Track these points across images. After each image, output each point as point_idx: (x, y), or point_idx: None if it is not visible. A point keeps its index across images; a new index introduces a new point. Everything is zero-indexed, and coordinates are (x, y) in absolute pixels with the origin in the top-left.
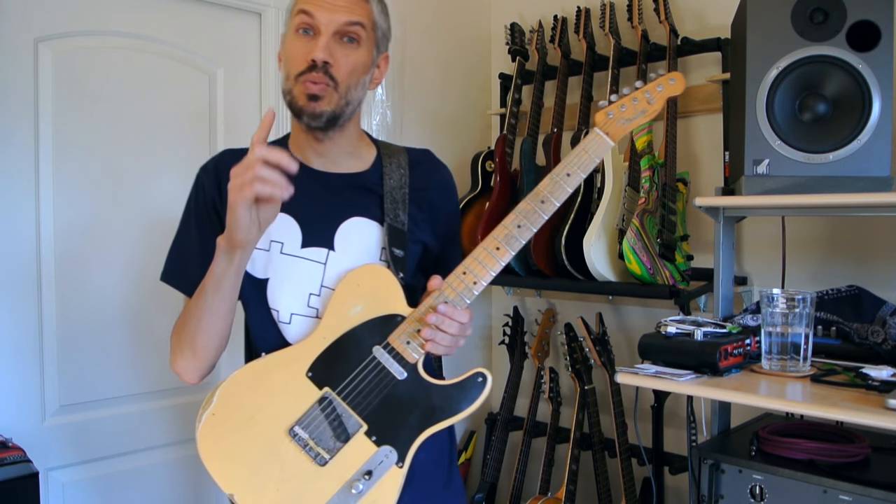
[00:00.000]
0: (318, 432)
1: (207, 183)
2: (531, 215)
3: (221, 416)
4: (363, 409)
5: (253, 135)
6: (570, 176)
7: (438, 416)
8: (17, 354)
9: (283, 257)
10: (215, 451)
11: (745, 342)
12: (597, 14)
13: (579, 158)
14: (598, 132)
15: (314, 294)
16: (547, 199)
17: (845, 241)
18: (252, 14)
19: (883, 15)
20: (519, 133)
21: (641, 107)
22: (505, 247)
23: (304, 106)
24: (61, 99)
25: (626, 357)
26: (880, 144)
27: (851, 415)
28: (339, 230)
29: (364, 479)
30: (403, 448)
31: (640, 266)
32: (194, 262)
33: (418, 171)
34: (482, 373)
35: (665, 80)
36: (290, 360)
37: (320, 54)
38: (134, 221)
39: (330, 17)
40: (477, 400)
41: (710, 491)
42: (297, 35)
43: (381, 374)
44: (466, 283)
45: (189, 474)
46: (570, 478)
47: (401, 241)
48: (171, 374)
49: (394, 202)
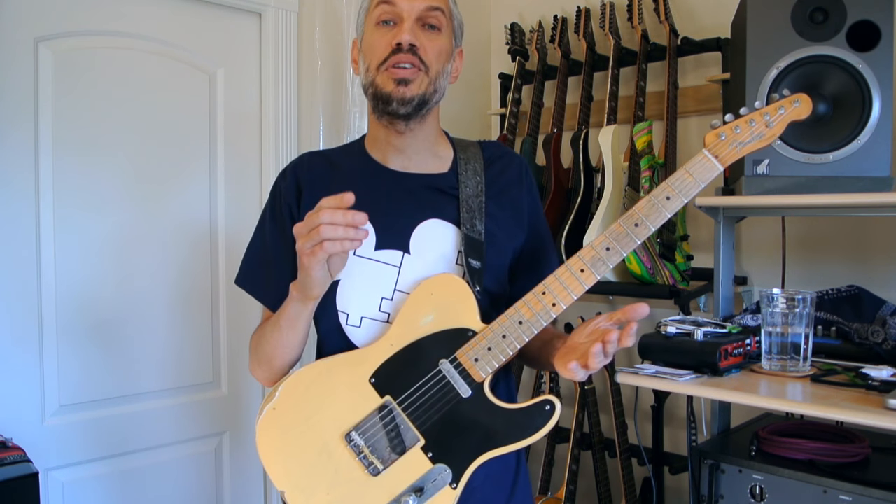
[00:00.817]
0: (374, 441)
1: (285, 189)
2: (622, 239)
3: (282, 411)
4: (423, 423)
5: (323, 199)
6: (669, 199)
7: (500, 441)
8: (17, 355)
9: (356, 259)
10: (272, 447)
11: (745, 342)
12: (597, 14)
13: (682, 182)
14: (707, 154)
15: (386, 298)
16: (642, 222)
17: (845, 241)
18: (252, 14)
19: (883, 15)
20: (519, 133)
21: (759, 130)
22: (590, 269)
23: (393, 91)
24: (61, 99)
25: (626, 357)
26: (880, 144)
27: (851, 415)
28: (415, 232)
29: (415, 496)
30: (459, 469)
31: (640, 266)
32: (270, 269)
33: (493, 171)
34: (550, 401)
35: (788, 103)
36: (356, 363)
37: (406, 36)
38: (134, 221)
39: (411, 3)
40: (543, 429)
41: (710, 491)
42: (377, 28)
43: (444, 388)
44: (545, 304)
45: (190, 473)
46: (570, 478)
47: (478, 252)
48: (172, 374)
49: (470, 211)
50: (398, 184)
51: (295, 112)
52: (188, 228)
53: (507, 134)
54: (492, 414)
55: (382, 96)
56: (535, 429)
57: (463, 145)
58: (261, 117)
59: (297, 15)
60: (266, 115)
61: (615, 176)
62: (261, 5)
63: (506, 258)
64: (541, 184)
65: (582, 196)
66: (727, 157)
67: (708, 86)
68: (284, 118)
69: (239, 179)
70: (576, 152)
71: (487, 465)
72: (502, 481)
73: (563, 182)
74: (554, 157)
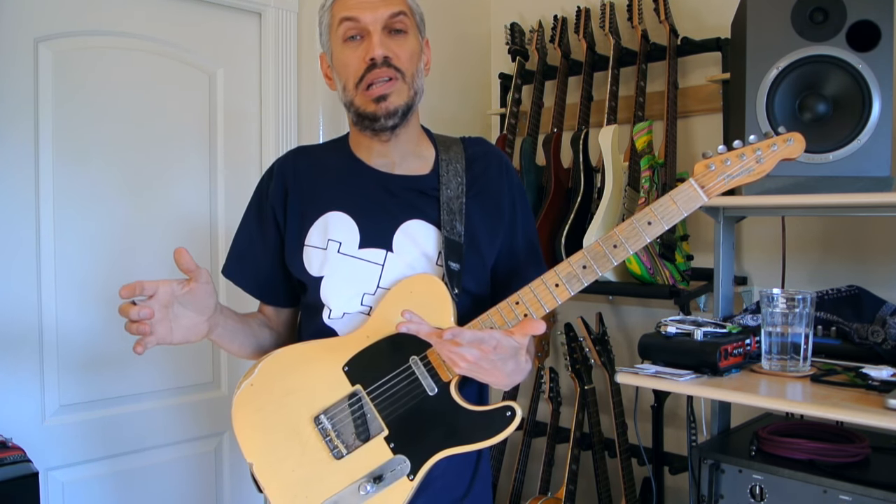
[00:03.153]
0: (341, 426)
1: (272, 193)
2: (600, 259)
3: (259, 388)
4: (388, 415)
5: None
6: (650, 224)
7: (460, 440)
8: (17, 354)
9: (340, 257)
10: (246, 421)
11: (745, 342)
12: (597, 14)
13: (665, 208)
14: (694, 184)
15: (369, 294)
16: (620, 244)
17: (845, 241)
18: (252, 14)
19: (883, 15)
20: (519, 133)
21: (748, 165)
22: (565, 285)
23: (376, 110)
24: (61, 99)
25: (626, 357)
26: (880, 144)
27: (851, 415)
28: (397, 232)
29: (373, 482)
30: (418, 462)
31: (640, 266)
32: (253, 260)
33: (475, 171)
34: (512, 407)
35: (781, 141)
36: (332, 350)
37: (379, 51)
38: (133, 221)
39: (374, 14)
40: (500, 433)
41: (710, 491)
42: (345, 45)
43: (412, 384)
44: (517, 315)
45: (190, 474)
46: (570, 478)
47: (457, 254)
48: (172, 373)
49: (451, 213)
50: (382, 184)
51: (295, 112)
52: (188, 229)
53: (507, 134)
54: (455, 413)
55: (367, 115)
56: (494, 432)
57: (445, 144)
58: (261, 117)
59: (297, 15)
60: (266, 115)
61: (615, 176)
62: (261, 5)
63: (486, 259)
64: (541, 184)
65: (582, 196)
66: (714, 189)
67: (708, 86)
68: (284, 118)
69: (239, 180)
70: (576, 152)
71: (447, 458)
72: (461, 476)
73: (563, 182)
74: (554, 157)
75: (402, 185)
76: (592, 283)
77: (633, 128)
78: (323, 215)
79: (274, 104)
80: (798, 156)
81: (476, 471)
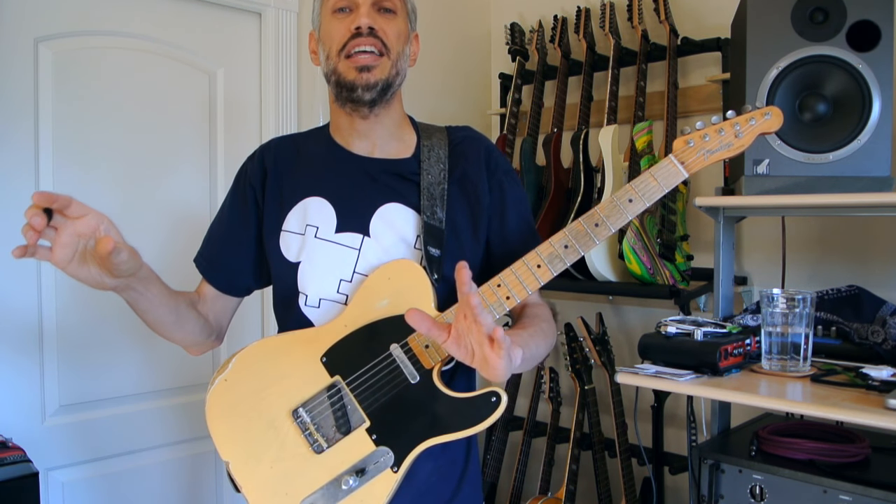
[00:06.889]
0: (320, 419)
1: (251, 171)
2: (581, 237)
3: (233, 383)
4: (370, 405)
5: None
6: (631, 202)
7: (444, 428)
8: (17, 354)
9: (316, 241)
10: (221, 418)
11: (745, 342)
12: (597, 14)
13: (646, 185)
14: (674, 160)
15: (345, 280)
16: (602, 222)
17: (845, 241)
18: (252, 14)
19: (883, 15)
20: (519, 133)
21: (728, 139)
22: (547, 266)
23: (356, 79)
24: (61, 99)
25: (626, 357)
26: (880, 144)
27: (851, 415)
28: (375, 215)
29: (356, 476)
30: (402, 453)
31: (640, 266)
32: (223, 247)
33: (456, 156)
34: (497, 392)
35: (759, 114)
36: (309, 341)
37: (365, 19)
38: (133, 220)
39: None
40: (486, 420)
41: (710, 491)
42: (333, 16)
43: (394, 372)
44: (499, 297)
45: (189, 474)
46: (570, 478)
47: (438, 240)
48: (172, 373)
49: (431, 198)
50: (360, 168)
51: (295, 112)
52: (188, 229)
53: (508, 134)
54: (438, 401)
55: (346, 84)
56: (479, 419)
57: (428, 131)
58: (261, 117)
59: (297, 15)
60: (266, 115)
61: (615, 176)
62: (261, 5)
63: (468, 245)
64: (541, 184)
65: (582, 196)
66: (693, 165)
67: (708, 86)
68: (284, 118)
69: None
70: (576, 152)
71: (435, 456)
72: (449, 474)
73: (563, 182)
74: (554, 157)
75: (381, 168)
76: (592, 283)
77: (633, 128)
78: (301, 201)
79: (274, 104)
80: (776, 129)
81: (464, 473)
